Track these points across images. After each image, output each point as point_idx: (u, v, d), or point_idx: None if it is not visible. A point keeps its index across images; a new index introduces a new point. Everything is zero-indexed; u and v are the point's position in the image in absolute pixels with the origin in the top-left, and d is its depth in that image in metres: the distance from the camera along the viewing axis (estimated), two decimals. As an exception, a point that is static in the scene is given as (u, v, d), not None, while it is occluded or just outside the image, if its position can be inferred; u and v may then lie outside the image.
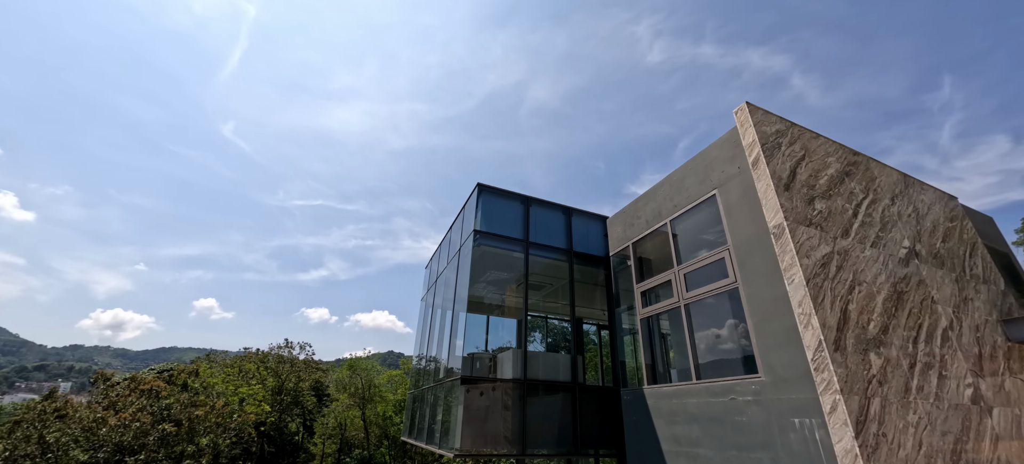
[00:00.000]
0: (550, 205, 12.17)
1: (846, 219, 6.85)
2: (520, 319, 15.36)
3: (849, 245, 6.54)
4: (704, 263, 7.72)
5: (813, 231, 6.27)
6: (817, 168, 7.16)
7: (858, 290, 6.11)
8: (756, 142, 6.74)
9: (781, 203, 6.21)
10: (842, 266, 6.21)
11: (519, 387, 9.60)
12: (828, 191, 7.00)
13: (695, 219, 8.23)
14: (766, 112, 7.18)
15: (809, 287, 5.65)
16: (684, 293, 8.03)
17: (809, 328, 5.53)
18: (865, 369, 5.43)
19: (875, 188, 7.78)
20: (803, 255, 5.90)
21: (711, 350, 7.58)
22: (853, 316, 5.80)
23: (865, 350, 5.60)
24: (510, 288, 14.57)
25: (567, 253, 11.58)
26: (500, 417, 9.18)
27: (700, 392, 7.29)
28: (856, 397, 5.13)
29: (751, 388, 6.37)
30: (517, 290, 14.15)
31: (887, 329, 6.04)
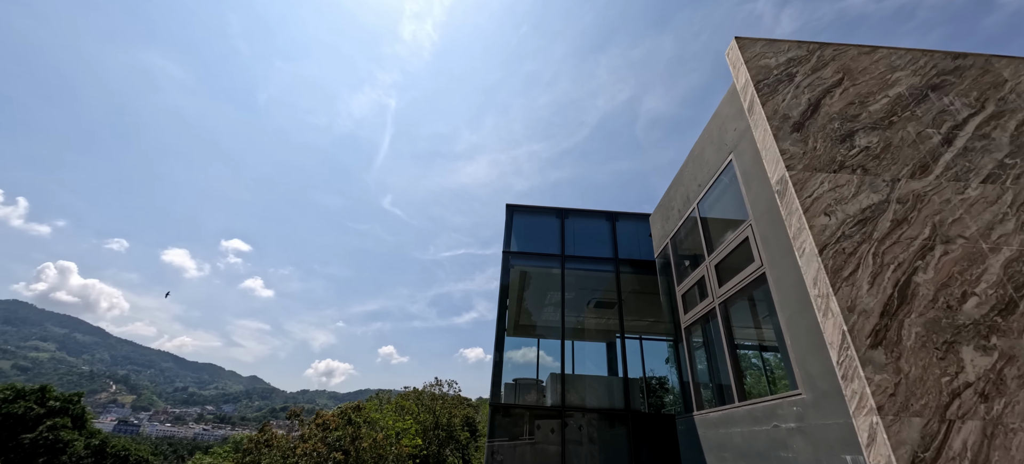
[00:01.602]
0: (590, 213, 11.26)
1: (925, 151, 4.61)
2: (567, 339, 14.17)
3: (927, 186, 4.35)
4: (731, 248, 6.04)
5: (845, 177, 4.38)
6: (866, 91, 5.07)
7: (942, 251, 3.96)
8: (749, 82, 5.17)
9: (783, 149, 4.55)
10: (906, 219, 4.14)
11: (557, 414, 8.75)
12: (888, 117, 4.85)
13: (720, 196, 6.58)
14: (770, 41, 5.48)
15: (825, 256, 3.90)
16: (717, 290, 6.37)
17: (828, 316, 3.78)
18: (945, 373, 3.39)
19: (1005, 96, 5.09)
20: (817, 213, 4.14)
21: (751, 362, 5.74)
22: (925, 291, 3.75)
23: (950, 343, 3.52)
24: (588, 308, 13.68)
25: (613, 261, 10.42)
26: (530, 449, 8.45)
27: (743, 418, 5.53)
28: (918, 420, 3.21)
29: (793, 410, 4.57)
30: (594, 310, 13.25)
31: (1015, 303, 3.71)
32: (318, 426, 33.97)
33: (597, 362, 14.70)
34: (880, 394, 3.29)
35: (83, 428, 31.19)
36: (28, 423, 27.82)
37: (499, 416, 9.54)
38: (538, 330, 14.03)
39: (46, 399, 29.14)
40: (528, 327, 15.50)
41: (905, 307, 3.66)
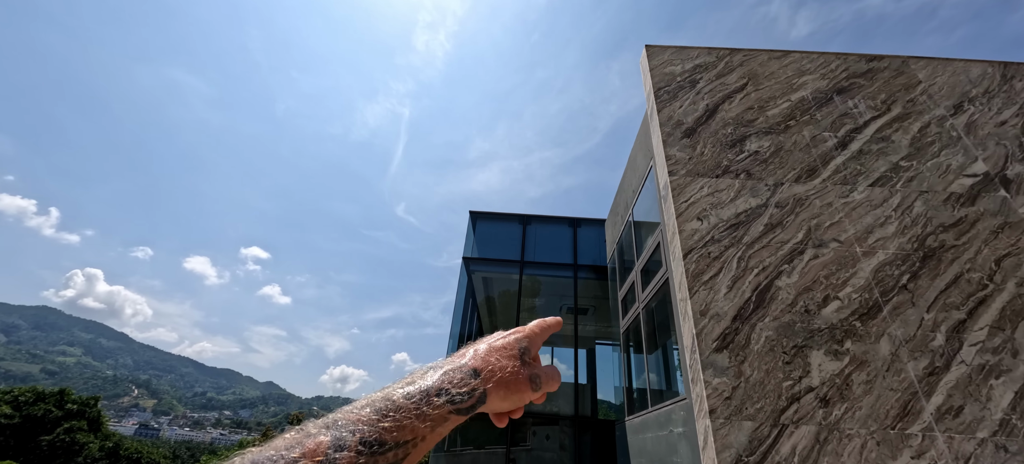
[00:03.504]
0: (552, 219, 11.32)
1: (816, 154, 4.57)
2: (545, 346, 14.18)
3: (810, 190, 4.31)
4: (649, 254, 6.05)
5: (726, 181, 4.39)
6: (768, 95, 5.05)
7: (812, 255, 3.93)
8: (651, 89, 5.22)
9: (669, 155, 4.58)
10: (782, 223, 4.12)
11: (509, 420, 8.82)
12: (785, 122, 4.83)
13: (645, 202, 6.60)
14: (680, 48, 5.52)
15: (689, 260, 3.92)
16: (640, 295, 6.37)
17: (686, 319, 3.79)
18: (788, 377, 3.37)
19: (915, 98, 5.01)
20: (690, 218, 4.16)
21: (659, 366, 5.73)
22: (785, 295, 3.72)
23: (801, 347, 3.49)
24: (563, 314, 13.70)
25: (572, 267, 10.46)
26: (473, 454, 8.52)
27: (652, 423, 5.52)
28: (750, 424, 3.20)
29: (681, 415, 4.56)
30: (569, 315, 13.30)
31: (878, 308, 3.64)
32: (320, 429, 34.89)
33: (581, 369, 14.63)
34: (715, 397, 3.29)
35: (99, 431, 32.49)
36: (47, 425, 29.18)
37: (449, 419, 9.65)
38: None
39: (65, 402, 30.52)
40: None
41: (761, 311, 3.65)
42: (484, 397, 0.39)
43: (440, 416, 0.35)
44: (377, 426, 0.31)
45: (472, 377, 0.39)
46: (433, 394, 0.35)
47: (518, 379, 0.41)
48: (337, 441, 0.29)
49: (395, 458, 0.31)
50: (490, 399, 0.39)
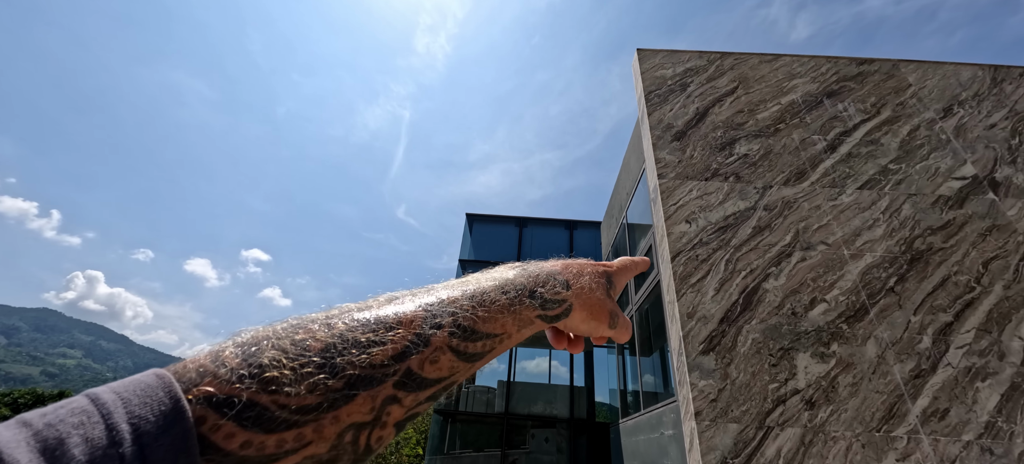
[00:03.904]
0: (549, 222, 11.34)
1: (805, 157, 4.59)
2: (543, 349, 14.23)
3: (799, 193, 4.33)
4: (642, 256, 6.07)
5: (715, 184, 4.41)
6: (759, 99, 5.08)
7: (800, 258, 3.94)
8: (642, 93, 5.25)
9: (658, 158, 4.61)
10: (770, 225, 4.13)
11: (501, 422, 8.82)
12: (775, 125, 4.85)
13: (638, 205, 6.62)
14: (672, 52, 5.55)
15: (677, 263, 3.94)
16: (633, 297, 6.39)
17: (673, 321, 3.81)
18: (774, 379, 3.38)
19: (905, 101, 5.03)
20: (679, 220, 4.18)
21: (653, 369, 5.73)
22: (772, 297, 3.74)
23: (787, 349, 3.50)
24: None
25: (568, 270, 10.46)
26: (473, 458, 8.52)
27: (644, 425, 5.52)
28: (735, 426, 3.21)
29: (671, 417, 4.57)
30: None
31: (865, 310, 3.66)
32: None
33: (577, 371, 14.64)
34: (701, 400, 3.30)
35: (99, 428, 32.50)
36: (45, 423, 29.16)
37: (443, 421, 9.65)
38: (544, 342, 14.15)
39: (63, 400, 30.55)
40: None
41: (748, 313, 3.66)
42: (569, 311, 0.38)
43: (528, 318, 0.35)
44: (472, 313, 0.31)
45: (564, 288, 0.38)
46: (526, 294, 0.35)
47: (603, 307, 0.41)
48: (433, 317, 0.29)
49: (483, 348, 0.31)
50: (573, 316, 0.39)
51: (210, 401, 0.21)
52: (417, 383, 0.27)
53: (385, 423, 0.26)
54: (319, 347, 0.24)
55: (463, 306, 0.31)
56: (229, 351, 0.23)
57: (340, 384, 0.24)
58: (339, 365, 0.24)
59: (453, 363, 0.29)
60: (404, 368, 0.26)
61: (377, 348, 0.26)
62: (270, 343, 0.24)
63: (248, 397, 0.21)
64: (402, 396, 0.26)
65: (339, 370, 0.24)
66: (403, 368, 0.26)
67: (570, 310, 0.38)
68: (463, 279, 0.35)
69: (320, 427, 0.23)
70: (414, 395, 0.27)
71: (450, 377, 0.29)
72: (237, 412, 0.21)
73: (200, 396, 0.21)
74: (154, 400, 0.20)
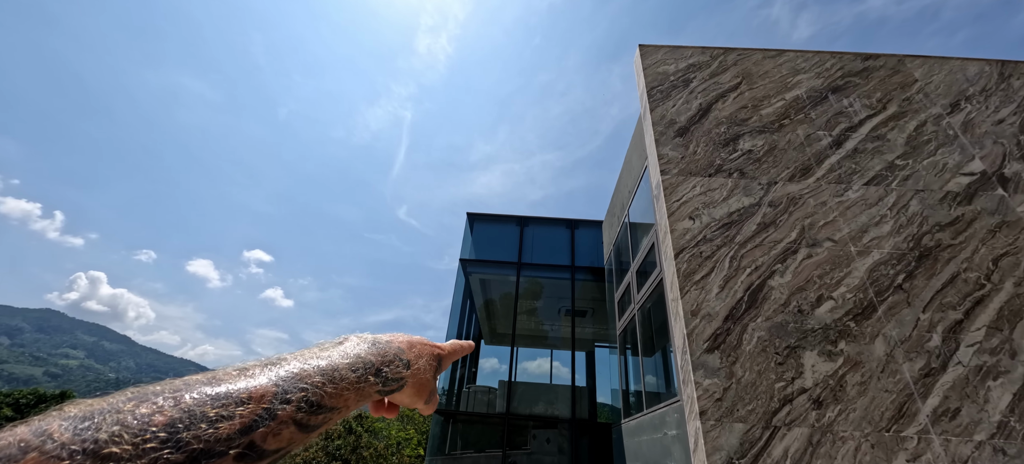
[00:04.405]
0: (550, 221, 11.29)
1: (811, 153, 4.52)
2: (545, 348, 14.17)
3: (804, 189, 4.26)
4: (644, 255, 6.00)
5: (719, 180, 4.34)
6: (763, 94, 5.01)
7: (805, 254, 3.87)
8: (645, 89, 5.19)
9: (661, 154, 4.54)
10: (775, 222, 4.06)
11: (502, 422, 8.75)
12: (779, 120, 4.78)
13: (641, 202, 6.56)
14: (674, 48, 5.49)
15: (681, 260, 3.87)
16: (636, 296, 6.32)
17: (677, 319, 3.74)
18: (781, 378, 3.31)
19: (911, 97, 4.95)
20: (682, 217, 4.12)
21: (656, 369, 5.67)
22: (778, 295, 3.67)
23: (794, 347, 3.43)
24: (563, 317, 13.65)
25: (570, 269, 10.41)
26: (474, 459, 8.45)
27: (647, 426, 5.45)
28: (741, 426, 3.14)
29: (675, 417, 4.50)
30: (568, 318, 13.27)
31: (873, 308, 3.58)
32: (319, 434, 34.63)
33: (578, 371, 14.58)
34: (706, 399, 3.23)
35: (100, 430, 32.61)
36: (48, 424, 29.31)
37: (444, 422, 9.59)
38: (517, 339, 14.08)
39: (64, 402, 30.64)
40: (504, 335, 15.49)
41: (753, 311, 3.60)
42: (402, 387, 0.42)
43: (368, 392, 0.37)
44: (321, 389, 0.32)
45: (405, 368, 0.41)
46: (372, 373, 0.37)
47: (427, 387, 0.45)
48: (283, 393, 0.29)
49: (323, 420, 0.32)
50: (403, 392, 0.42)
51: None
52: (257, 455, 0.27)
53: None
54: (164, 421, 0.24)
55: (314, 382, 0.32)
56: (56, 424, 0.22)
57: (182, 459, 0.23)
58: (184, 440, 0.24)
59: (293, 435, 0.29)
60: (247, 441, 0.26)
61: (225, 423, 0.26)
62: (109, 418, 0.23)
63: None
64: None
65: (183, 445, 0.24)
66: (246, 441, 0.26)
67: (403, 387, 0.42)
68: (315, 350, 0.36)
69: None
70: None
71: (287, 447, 0.30)
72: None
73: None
74: None
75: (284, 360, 0.33)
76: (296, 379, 0.31)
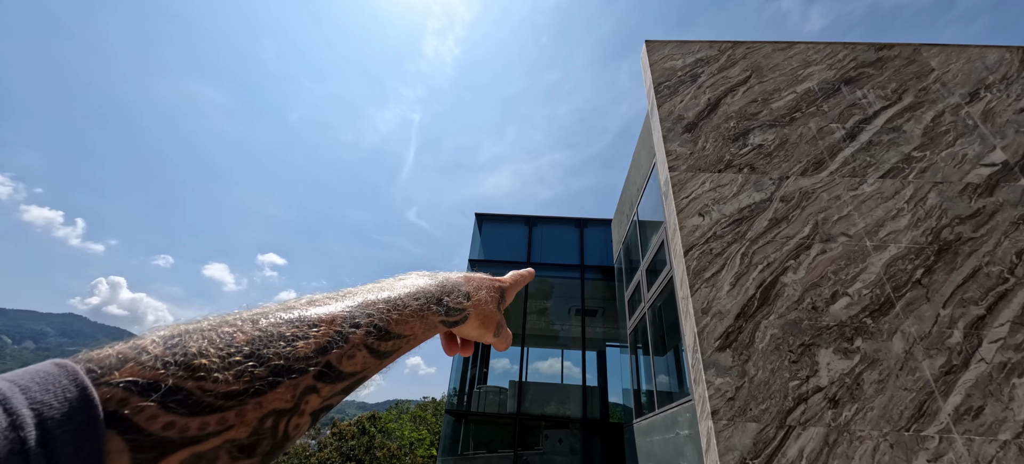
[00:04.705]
0: (559, 220, 11.25)
1: (823, 147, 4.43)
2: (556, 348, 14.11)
3: (817, 183, 4.17)
4: (654, 253, 5.94)
5: (729, 176, 4.27)
6: (773, 88, 4.92)
7: (819, 250, 3.79)
8: (651, 85, 5.14)
9: (669, 151, 4.49)
10: (787, 217, 3.98)
11: (514, 422, 8.75)
12: (790, 114, 4.69)
13: (650, 200, 6.49)
14: (681, 43, 5.42)
15: (690, 257, 3.82)
16: (646, 294, 6.26)
17: (687, 318, 3.69)
18: (795, 377, 3.24)
19: (927, 86, 4.82)
20: (691, 214, 4.06)
21: (668, 368, 5.60)
22: (791, 292, 3.59)
23: (808, 345, 3.36)
24: (574, 316, 13.60)
25: (579, 268, 10.36)
26: (486, 459, 8.45)
27: (659, 426, 5.39)
28: (754, 425, 3.08)
29: (687, 417, 4.44)
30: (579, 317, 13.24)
31: (891, 304, 3.49)
32: (334, 435, 34.92)
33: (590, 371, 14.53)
34: (718, 398, 3.18)
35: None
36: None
37: (455, 422, 9.61)
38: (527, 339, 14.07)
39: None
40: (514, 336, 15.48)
41: (765, 308, 3.53)
42: (466, 319, 0.43)
43: (433, 322, 0.38)
44: (387, 316, 0.33)
45: (465, 299, 0.43)
46: (433, 301, 0.39)
47: (493, 318, 0.46)
48: (353, 318, 0.31)
49: (393, 347, 0.33)
50: (467, 324, 0.43)
51: (133, 385, 0.21)
52: (335, 376, 0.29)
53: (303, 411, 0.27)
54: (245, 339, 0.26)
55: (380, 308, 0.33)
56: (150, 340, 0.24)
57: (265, 372, 0.25)
58: (265, 355, 0.25)
59: (366, 360, 0.31)
60: (325, 361, 0.28)
61: (301, 342, 0.27)
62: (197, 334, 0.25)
63: (174, 383, 0.22)
64: (321, 387, 0.28)
65: (266, 360, 0.25)
66: (324, 361, 0.28)
67: (467, 318, 0.43)
68: (379, 284, 0.38)
69: (243, 412, 0.24)
70: (331, 387, 0.29)
71: (362, 372, 0.31)
72: (162, 395, 0.21)
73: (121, 380, 0.21)
74: (57, 387, 0.19)
75: (351, 293, 0.35)
76: (363, 307, 0.33)
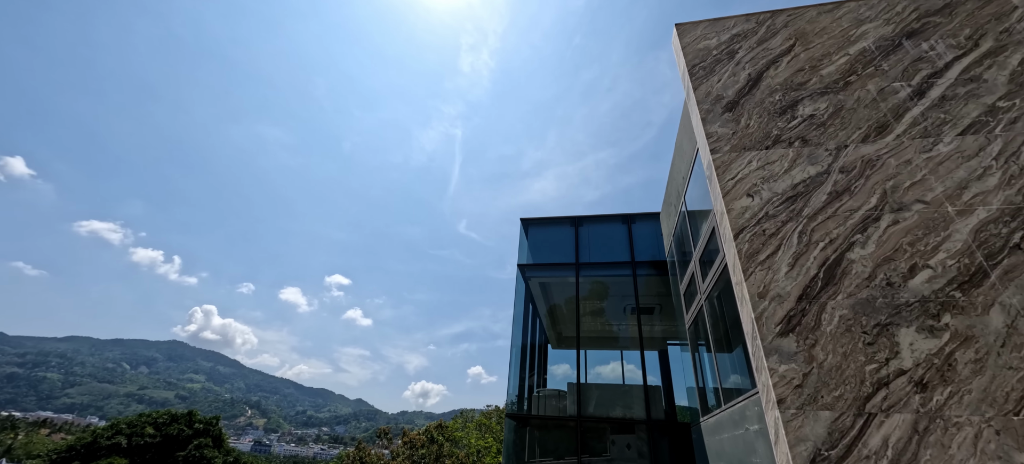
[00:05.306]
0: (605, 218, 11.10)
1: (886, 109, 4.05)
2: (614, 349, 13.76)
3: (882, 149, 3.82)
4: (705, 242, 5.70)
5: (778, 151, 4.02)
6: (821, 53, 4.59)
7: (890, 221, 3.46)
8: (686, 69, 4.99)
9: (709, 133, 4.32)
10: (849, 189, 3.68)
11: (574, 424, 8.69)
12: (844, 79, 4.34)
13: (697, 187, 6.24)
14: (714, 21, 5.22)
15: (741, 241, 3.64)
16: (701, 286, 6.01)
17: (743, 304, 3.51)
18: (872, 360, 2.97)
19: (1010, 27, 4.27)
20: (739, 195, 3.87)
21: (737, 363, 5.30)
22: (859, 268, 3.31)
23: (885, 325, 3.07)
24: (630, 315, 13.35)
25: (630, 265, 10.14)
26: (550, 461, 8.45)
27: (727, 422, 5.13)
28: (827, 414, 2.86)
29: (755, 410, 4.20)
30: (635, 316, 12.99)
31: (984, 274, 3.10)
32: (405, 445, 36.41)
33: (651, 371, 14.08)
34: (783, 386, 2.99)
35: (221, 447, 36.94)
36: (181, 442, 33.81)
37: (517, 427, 9.69)
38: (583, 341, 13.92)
39: (193, 422, 35.20)
40: (570, 339, 15.37)
41: (831, 288, 3.28)
42: None
43: None
44: None
45: None
46: None
47: None
48: None
49: None
50: None
51: None
52: None
53: None
54: None
55: None
56: None
57: None
58: None
59: None
60: None
61: None
62: None
63: None
64: None
65: None
66: None
67: None
68: None
69: None
70: None
71: None
72: None
73: None
74: None
75: None
76: None
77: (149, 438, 33.30)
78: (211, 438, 36.33)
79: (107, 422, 34.99)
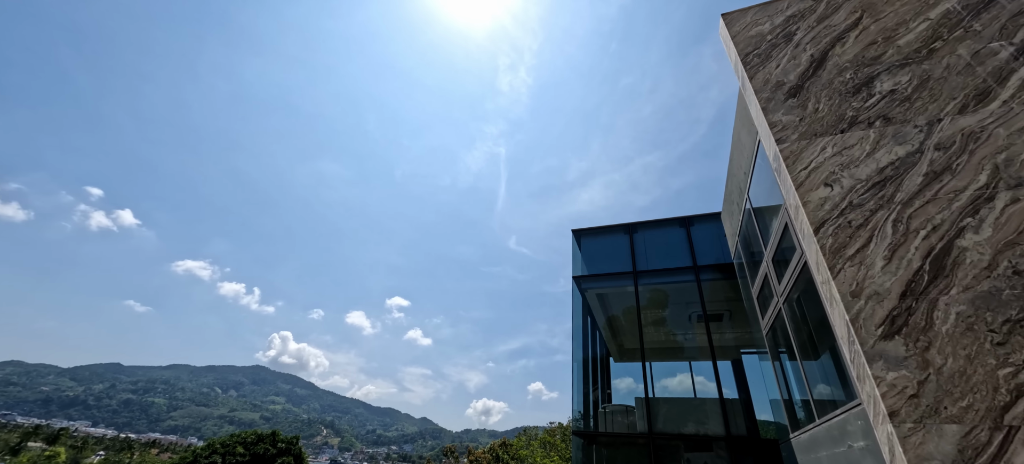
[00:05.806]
0: (661, 223, 10.70)
1: (985, 73, 3.55)
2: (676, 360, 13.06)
3: (985, 119, 3.34)
4: (777, 240, 5.28)
5: (856, 134, 3.65)
6: (895, 22, 4.15)
7: (1009, 199, 2.99)
8: (738, 58, 4.73)
9: (772, 122, 4.03)
10: (949, 167, 3.24)
11: (645, 441, 8.30)
12: (926, 46, 3.88)
13: (761, 182, 5.83)
14: (764, 5, 4.92)
15: (822, 235, 3.31)
16: (777, 287, 5.56)
17: (833, 304, 3.17)
18: (1006, 363, 2.53)
19: None
20: (815, 186, 3.54)
21: (827, 371, 4.79)
22: (975, 257, 2.87)
23: (1018, 320, 2.62)
24: (697, 324, 12.74)
25: (692, 270, 9.66)
26: (620, 482, 8.09)
27: (824, 439, 4.63)
28: (955, 428, 2.47)
29: (858, 424, 3.76)
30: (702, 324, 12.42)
31: None
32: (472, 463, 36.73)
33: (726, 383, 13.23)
34: (894, 396, 2.64)
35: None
36: (267, 461, 36.45)
37: (585, 445, 9.38)
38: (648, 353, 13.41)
39: (276, 441, 37.86)
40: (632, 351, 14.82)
41: (942, 281, 2.88)
42: None
43: None
44: None
45: None
46: None
47: None
48: None
49: None
50: None
51: None
52: None
53: None
54: None
55: None
56: None
57: None
58: None
59: None
60: None
61: None
62: None
63: None
64: None
65: None
66: None
67: None
68: None
69: None
70: None
71: None
72: None
73: None
74: None
75: None
76: None
77: (239, 457, 36.24)
78: (293, 457, 38.85)
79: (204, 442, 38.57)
